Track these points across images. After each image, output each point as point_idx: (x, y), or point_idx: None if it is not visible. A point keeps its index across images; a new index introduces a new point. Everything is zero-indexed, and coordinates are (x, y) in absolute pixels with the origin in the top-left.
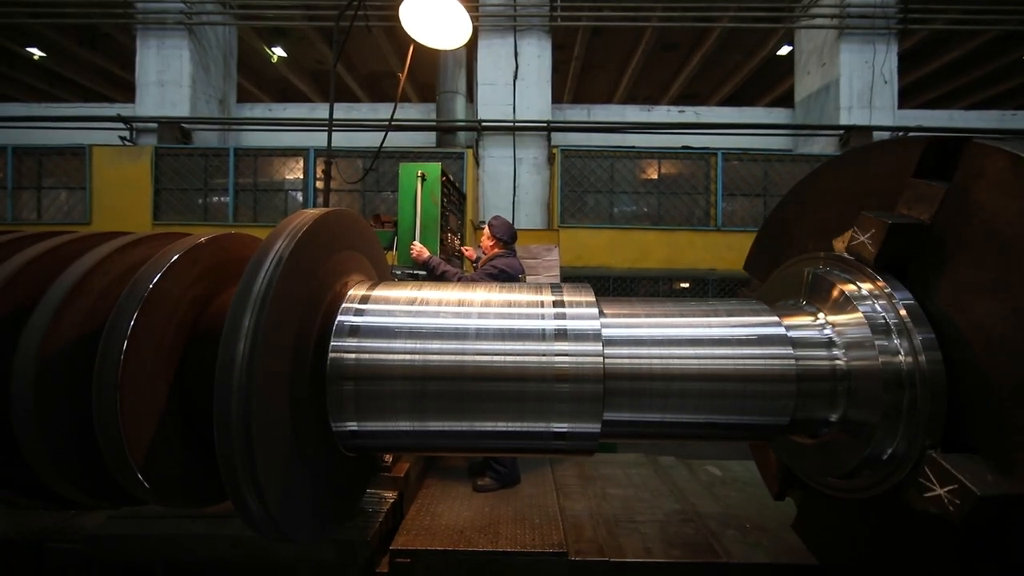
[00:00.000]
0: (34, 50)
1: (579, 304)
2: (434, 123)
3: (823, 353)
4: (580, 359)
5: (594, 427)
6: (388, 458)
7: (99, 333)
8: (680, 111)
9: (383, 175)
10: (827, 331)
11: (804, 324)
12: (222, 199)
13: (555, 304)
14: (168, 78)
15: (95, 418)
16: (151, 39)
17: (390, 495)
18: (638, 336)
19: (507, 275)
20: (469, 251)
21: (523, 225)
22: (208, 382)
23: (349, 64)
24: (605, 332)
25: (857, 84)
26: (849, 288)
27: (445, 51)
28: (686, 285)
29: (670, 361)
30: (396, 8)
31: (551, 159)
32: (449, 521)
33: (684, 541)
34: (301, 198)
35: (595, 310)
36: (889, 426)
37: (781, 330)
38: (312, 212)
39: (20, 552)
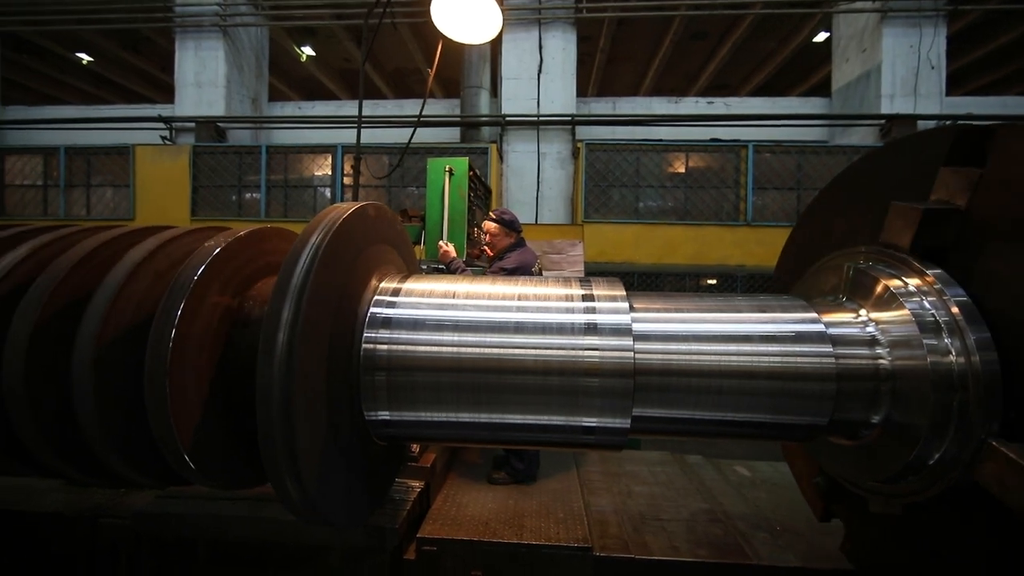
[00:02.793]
0: (83, 55)
1: (609, 298)
2: (459, 118)
3: (865, 352)
4: (610, 354)
5: (623, 423)
6: (415, 448)
7: (149, 322)
8: (709, 102)
9: (408, 171)
10: (870, 329)
11: (845, 321)
12: (254, 195)
13: (584, 298)
14: (205, 79)
15: (147, 402)
16: (189, 41)
17: (417, 484)
18: (669, 331)
19: (520, 272)
20: (490, 250)
21: (547, 220)
22: (247, 370)
23: (375, 61)
24: (636, 327)
25: (900, 70)
26: (895, 284)
27: (470, 47)
28: (713, 282)
29: (702, 357)
30: (422, 5)
31: (575, 153)
32: (474, 512)
33: (712, 541)
34: (329, 194)
35: (625, 304)
36: (938, 429)
37: (820, 327)
38: (346, 206)
39: (77, 526)
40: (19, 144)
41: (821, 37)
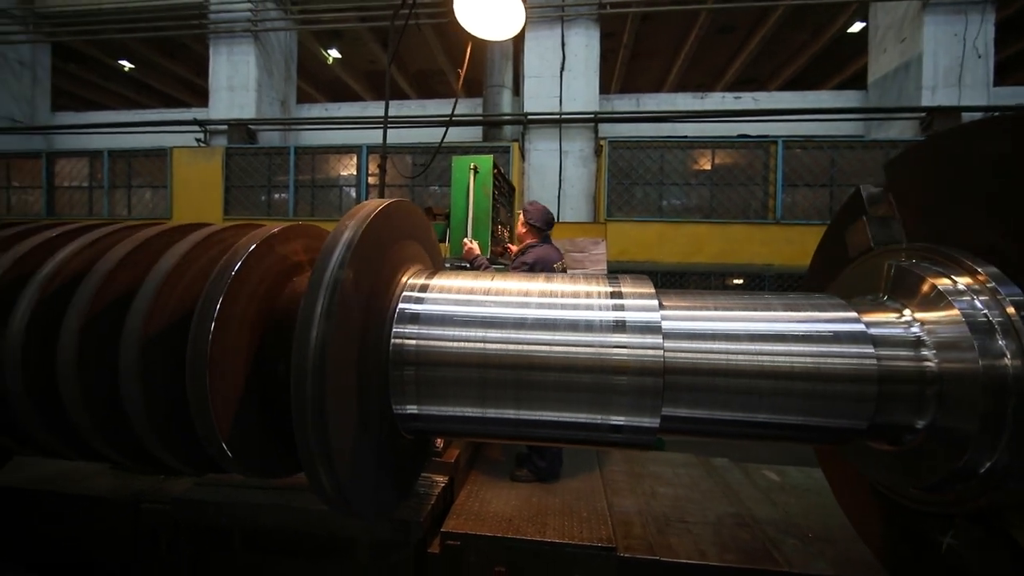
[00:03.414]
0: (125, 62)
1: (637, 295)
2: (481, 117)
3: (909, 353)
4: (639, 352)
5: (652, 422)
6: (439, 443)
7: (189, 315)
8: (736, 97)
9: (430, 171)
10: (915, 329)
11: (887, 321)
12: (282, 195)
13: (612, 295)
14: (237, 83)
15: (188, 393)
16: (222, 47)
17: (441, 479)
18: (700, 329)
19: (540, 269)
20: (514, 248)
21: (569, 218)
22: (282, 362)
23: (399, 63)
24: (665, 324)
25: (943, 60)
26: (942, 282)
27: (492, 45)
28: (740, 281)
29: (735, 356)
30: (445, 6)
31: (598, 151)
32: (497, 508)
33: (740, 546)
34: (354, 194)
35: (655, 302)
36: (989, 436)
37: (860, 327)
38: (375, 203)
39: (121, 511)
40: (67, 148)
41: (856, 27)
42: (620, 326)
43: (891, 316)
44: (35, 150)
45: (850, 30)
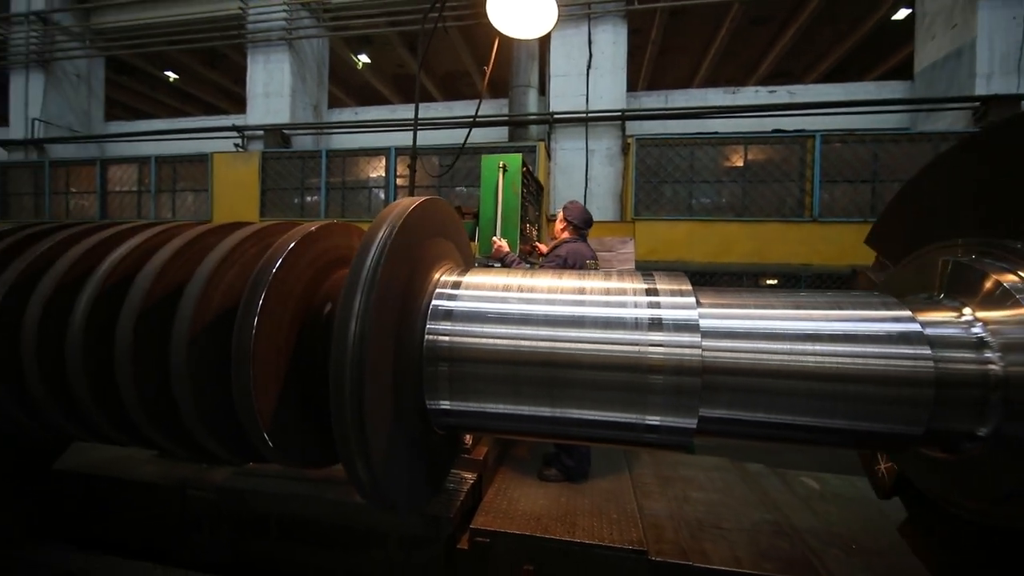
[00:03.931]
0: (170, 73)
1: (674, 293)
2: (507, 117)
3: (971, 355)
4: (676, 351)
5: (689, 422)
6: (468, 440)
7: (233, 310)
8: (771, 91)
9: (456, 171)
10: (976, 329)
11: (945, 321)
12: (315, 198)
13: (648, 292)
14: (272, 89)
15: (233, 385)
16: (259, 55)
17: (470, 476)
18: (741, 328)
19: (572, 263)
20: (541, 247)
21: (596, 218)
22: (319, 356)
23: (427, 66)
24: (703, 323)
25: (1000, 46)
26: (1008, 279)
27: (518, 45)
28: (774, 282)
29: (778, 357)
30: (472, 8)
31: (625, 149)
32: (526, 507)
33: (778, 555)
34: (383, 195)
35: (692, 299)
36: None
37: (916, 327)
38: (409, 201)
39: (168, 496)
40: (118, 155)
41: (901, 15)
42: (656, 324)
43: (949, 315)
44: (90, 157)
45: (894, 17)
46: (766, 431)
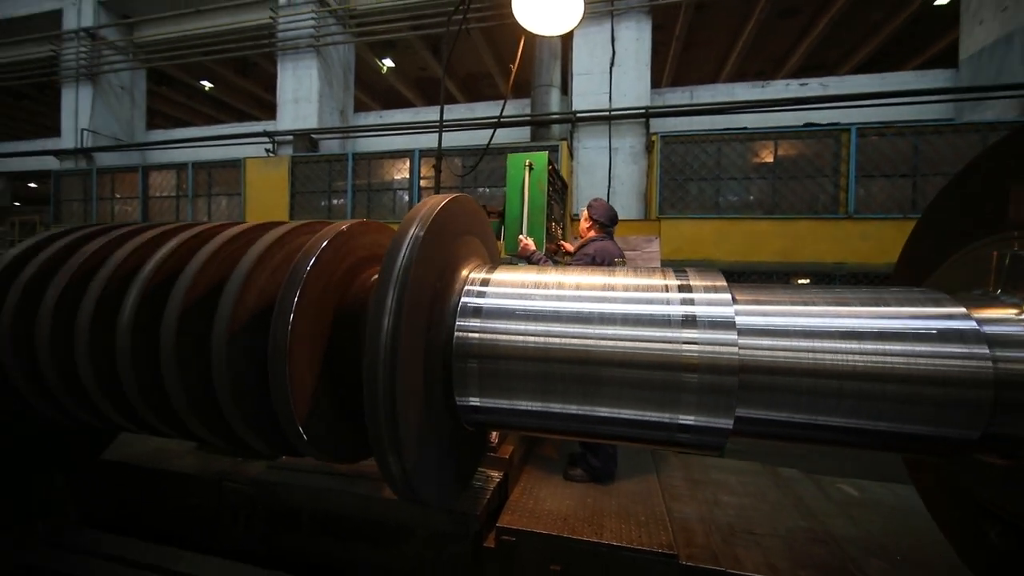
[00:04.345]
0: (205, 82)
1: (708, 289)
2: (529, 117)
3: None
4: (711, 348)
5: (725, 423)
6: (494, 438)
7: (269, 307)
8: (802, 84)
9: (479, 172)
10: None
11: (1005, 318)
12: (340, 201)
13: (681, 288)
14: (301, 95)
15: (270, 379)
16: (288, 62)
17: (496, 474)
18: (779, 326)
19: (600, 261)
20: (567, 246)
21: (619, 216)
22: (351, 352)
23: (449, 68)
24: (740, 320)
25: None
26: None
27: (541, 45)
28: (806, 281)
29: (819, 355)
30: (494, 9)
31: (649, 147)
32: (552, 507)
33: (816, 563)
34: (407, 197)
35: (727, 296)
36: None
37: (971, 324)
38: (438, 199)
39: (206, 487)
40: (158, 162)
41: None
42: (690, 321)
43: (1009, 312)
44: (133, 165)
45: (937, 2)
46: (806, 432)
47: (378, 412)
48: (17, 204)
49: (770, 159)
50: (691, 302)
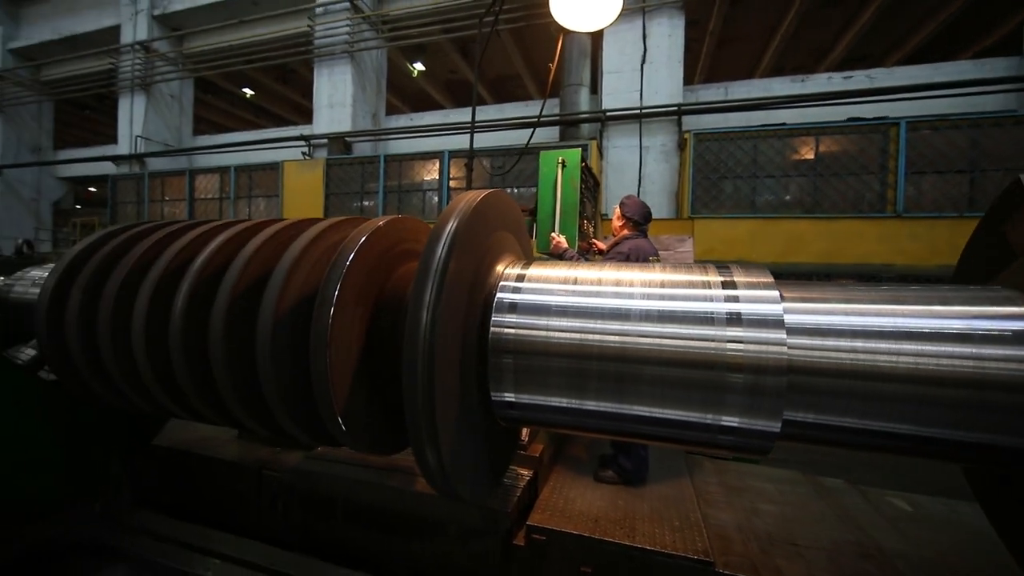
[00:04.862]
0: (247, 90)
1: (754, 286)
2: (558, 117)
3: None
4: (757, 347)
5: (771, 425)
6: (524, 436)
7: (310, 300)
8: (846, 77)
9: (508, 172)
10: None
11: None
12: (371, 202)
13: (724, 285)
14: (336, 100)
15: (311, 368)
16: (324, 68)
17: (526, 472)
18: (833, 324)
19: (635, 259)
20: (599, 244)
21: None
22: (387, 345)
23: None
24: (788, 319)
25: None
26: None
27: (570, 44)
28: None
29: (877, 357)
30: (524, 10)
31: (682, 145)
32: (582, 507)
33: None
34: (436, 199)
35: (775, 292)
36: None
37: None
38: (475, 194)
39: (248, 474)
40: (204, 166)
41: None
42: (735, 319)
43: None
44: (181, 169)
45: None
46: (859, 439)
47: (417, 405)
48: (78, 207)
49: (811, 156)
50: (735, 299)
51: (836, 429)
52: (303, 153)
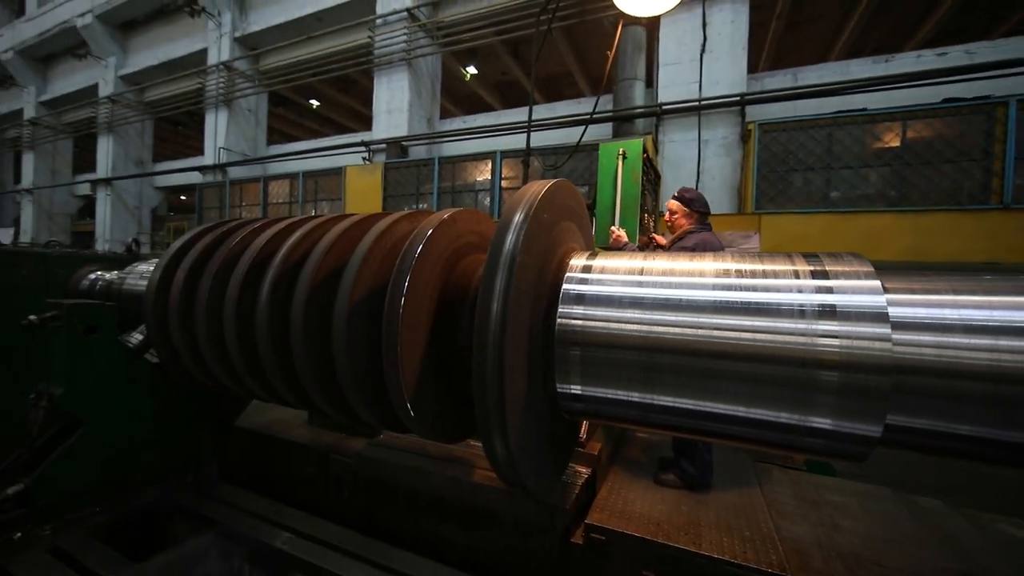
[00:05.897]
0: (313, 101)
1: (851, 275)
2: (611, 113)
3: None
4: (855, 343)
5: (871, 430)
6: (582, 434)
7: (381, 290)
8: (939, 54)
9: (560, 170)
10: None
11: None
12: (425, 205)
13: (815, 275)
14: (393, 106)
15: (383, 355)
16: (383, 77)
17: (584, 470)
18: (947, 319)
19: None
20: (659, 239)
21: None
22: (453, 334)
23: (530, 70)
24: (893, 311)
25: None
26: None
27: (624, 37)
28: None
29: (999, 356)
30: (577, 6)
31: (745, 137)
32: (643, 509)
33: None
34: (488, 199)
35: (876, 283)
36: None
37: None
38: (541, 184)
39: (317, 457)
40: (276, 173)
41: None
42: (828, 312)
43: None
44: (256, 176)
45: None
46: (978, 449)
47: (486, 394)
48: (171, 213)
49: (896, 143)
50: (828, 290)
51: (947, 436)
52: (363, 158)
